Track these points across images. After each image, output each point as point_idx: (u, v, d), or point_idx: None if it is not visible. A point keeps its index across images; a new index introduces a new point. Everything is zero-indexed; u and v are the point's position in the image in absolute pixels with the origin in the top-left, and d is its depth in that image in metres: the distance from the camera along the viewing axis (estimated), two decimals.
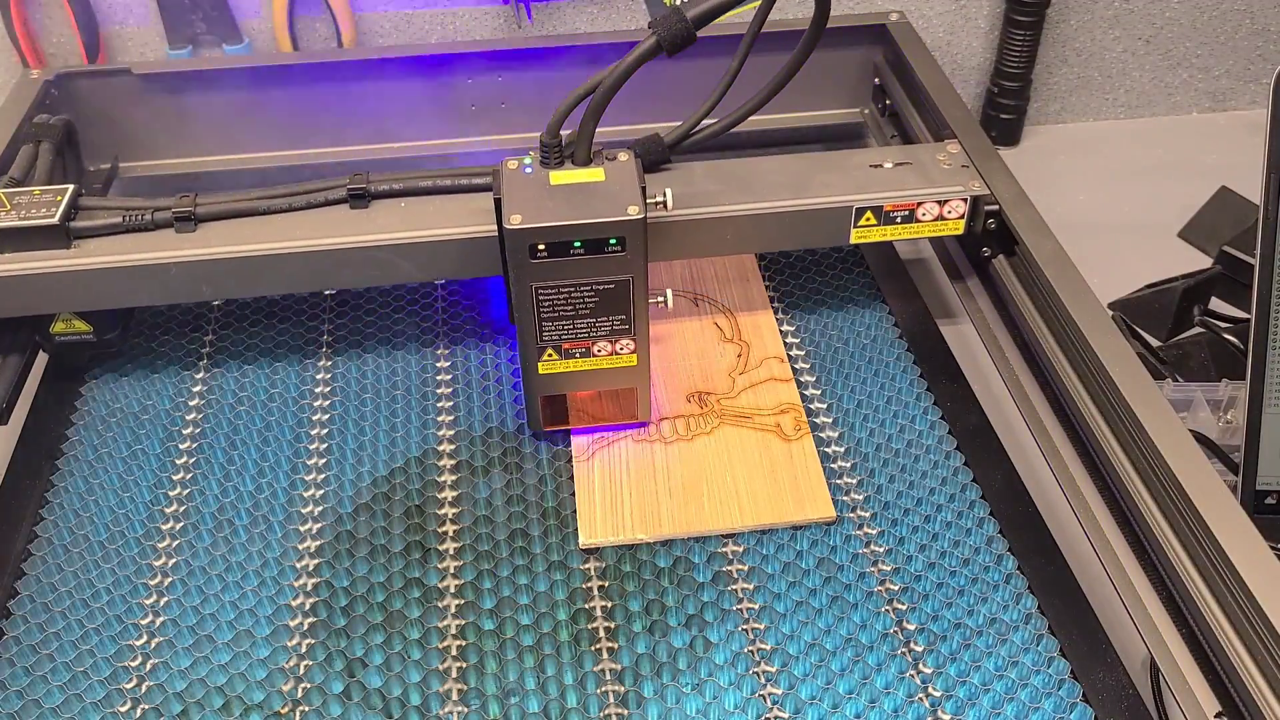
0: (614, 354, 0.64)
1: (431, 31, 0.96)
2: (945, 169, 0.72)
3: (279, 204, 0.69)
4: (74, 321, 0.72)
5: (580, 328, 0.63)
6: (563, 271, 0.60)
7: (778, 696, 0.56)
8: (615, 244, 0.59)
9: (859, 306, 0.79)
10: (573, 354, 0.64)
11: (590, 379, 0.66)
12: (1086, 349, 0.62)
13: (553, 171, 0.62)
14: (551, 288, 0.61)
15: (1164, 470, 0.55)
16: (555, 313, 0.62)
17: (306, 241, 0.68)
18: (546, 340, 0.63)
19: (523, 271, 0.60)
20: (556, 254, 0.59)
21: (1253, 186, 0.62)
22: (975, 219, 0.71)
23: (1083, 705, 0.55)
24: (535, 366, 0.64)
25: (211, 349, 0.77)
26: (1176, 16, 1.01)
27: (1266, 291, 0.60)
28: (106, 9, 0.92)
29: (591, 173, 0.62)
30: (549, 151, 0.62)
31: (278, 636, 0.59)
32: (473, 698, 0.56)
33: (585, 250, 0.59)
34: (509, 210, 0.59)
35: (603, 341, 0.63)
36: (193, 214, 0.68)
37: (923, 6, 0.98)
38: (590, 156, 0.62)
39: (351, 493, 0.67)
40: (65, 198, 0.67)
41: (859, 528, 0.64)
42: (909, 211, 0.70)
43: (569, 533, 0.64)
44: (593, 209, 0.59)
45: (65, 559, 0.63)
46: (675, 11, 0.59)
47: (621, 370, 0.65)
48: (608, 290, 0.61)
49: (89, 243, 0.68)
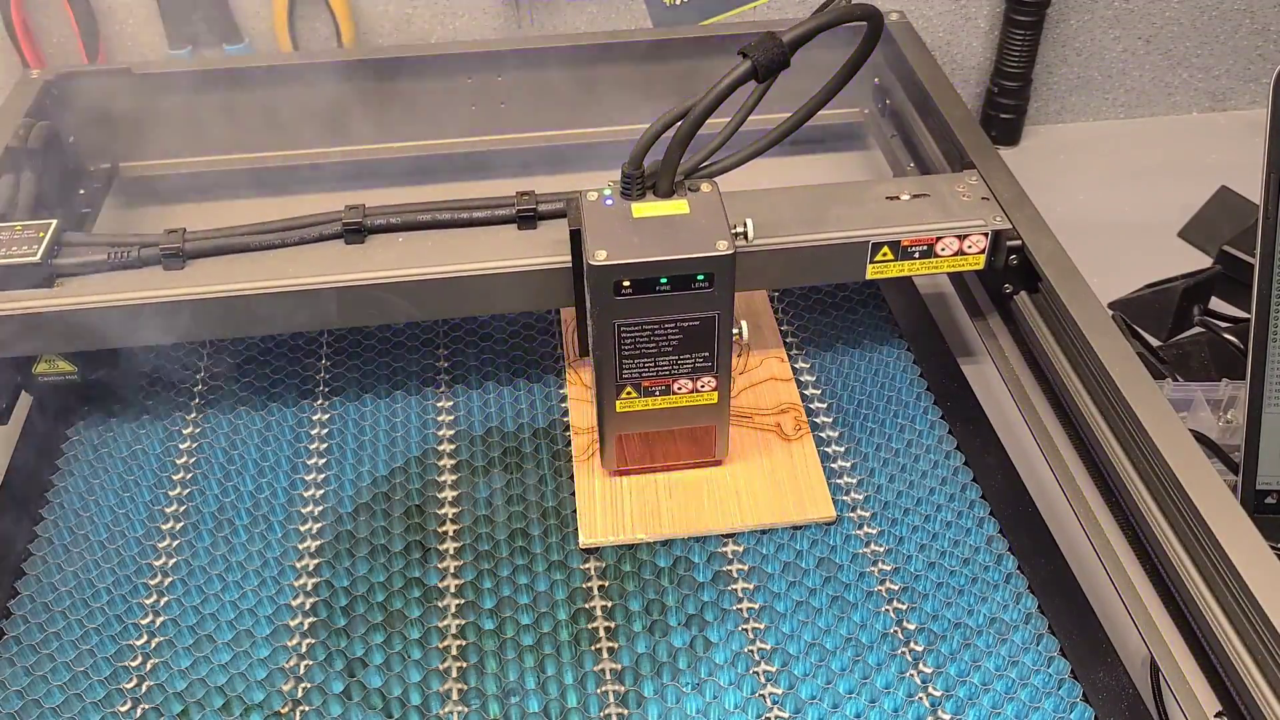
0: (695, 391, 0.62)
1: (431, 31, 0.96)
2: (965, 201, 0.69)
3: (271, 240, 0.67)
4: (57, 362, 0.69)
5: (662, 365, 0.60)
6: (647, 308, 0.58)
7: (778, 696, 0.56)
8: (702, 280, 0.57)
9: (860, 306, 0.79)
10: (652, 391, 0.62)
11: (669, 417, 0.63)
12: (1086, 349, 0.62)
13: (635, 203, 0.59)
14: (634, 325, 0.58)
15: (1164, 470, 0.55)
16: (637, 350, 0.59)
17: (300, 280, 0.65)
18: (626, 378, 0.61)
19: (605, 308, 0.58)
20: (642, 290, 0.57)
21: (1253, 186, 0.62)
22: (997, 254, 0.68)
23: (1083, 705, 0.55)
24: (613, 404, 0.62)
25: (212, 348, 0.77)
26: (1176, 16, 1.01)
27: (1266, 291, 0.60)
28: (106, 9, 0.92)
29: (675, 205, 0.59)
30: (631, 182, 0.59)
31: (278, 636, 0.59)
32: (473, 697, 0.56)
33: (671, 287, 0.57)
34: (593, 245, 0.57)
35: (684, 379, 0.61)
36: (181, 250, 0.65)
37: (923, 6, 0.98)
38: (673, 188, 0.59)
39: (352, 492, 0.67)
40: (48, 234, 0.65)
41: (859, 527, 0.64)
42: (927, 246, 0.67)
43: (569, 532, 0.64)
44: (680, 244, 0.57)
45: (65, 559, 0.63)
46: (771, 36, 0.56)
47: (701, 408, 0.63)
48: (692, 327, 0.59)
49: (73, 281, 0.65)
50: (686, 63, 0.90)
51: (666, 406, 0.62)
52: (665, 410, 0.63)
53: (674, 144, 0.57)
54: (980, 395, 0.73)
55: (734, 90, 0.56)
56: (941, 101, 0.81)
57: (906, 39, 0.89)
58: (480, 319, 0.78)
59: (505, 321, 0.78)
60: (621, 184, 0.59)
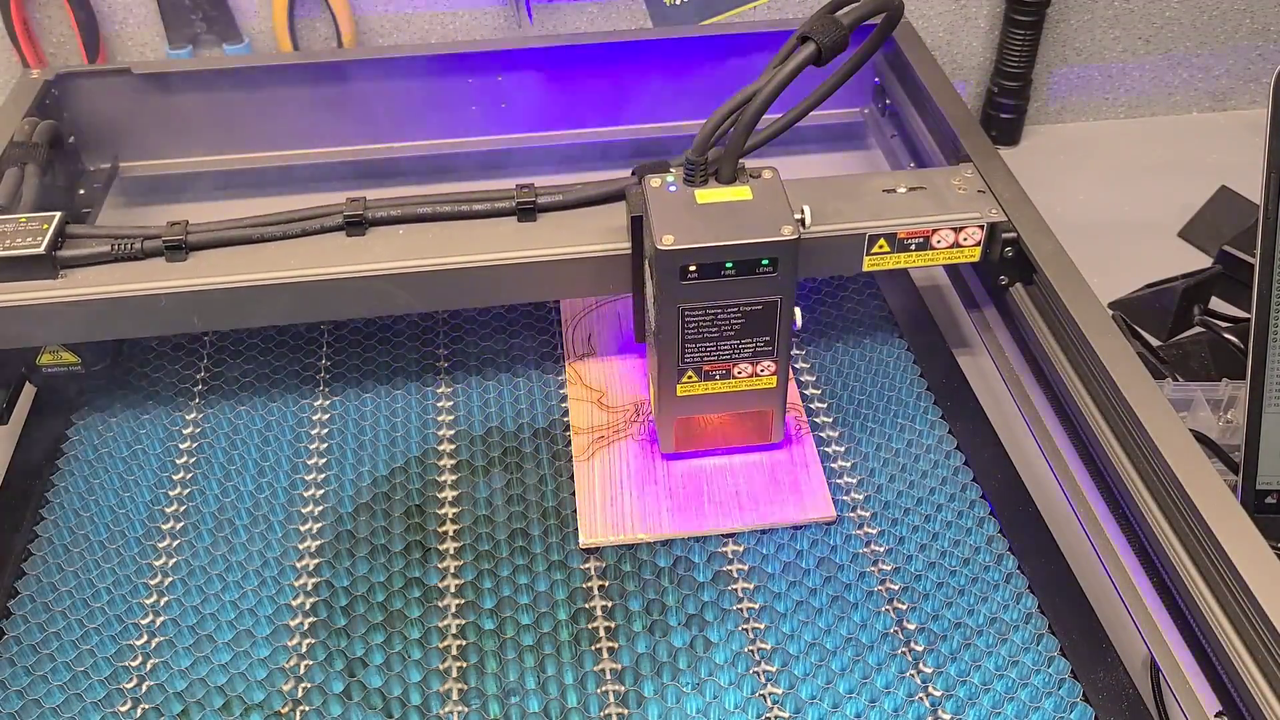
0: (754, 375, 0.62)
1: (431, 31, 0.96)
2: (961, 194, 0.70)
3: (273, 232, 0.67)
4: (61, 353, 0.70)
5: (723, 349, 0.61)
6: (712, 293, 0.59)
7: (778, 696, 0.56)
8: (767, 265, 0.58)
9: (859, 306, 0.79)
10: (713, 375, 0.62)
11: (728, 401, 0.64)
12: (1086, 348, 0.62)
13: (698, 190, 0.60)
14: (699, 309, 0.59)
15: (1164, 470, 0.55)
16: (700, 334, 0.60)
17: (301, 271, 0.66)
18: (688, 362, 0.61)
19: (671, 293, 0.58)
20: (707, 275, 0.58)
21: (1253, 186, 0.62)
22: (992, 246, 0.69)
23: (1083, 705, 0.55)
24: (674, 389, 0.63)
25: (212, 348, 0.77)
26: (1176, 16, 1.01)
27: (1266, 291, 0.60)
28: (106, 9, 0.92)
29: (738, 191, 0.60)
30: (694, 169, 0.60)
31: (278, 636, 0.59)
32: (473, 697, 0.56)
33: (736, 271, 0.58)
34: (660, 230, 0.57)
35: (744, 363, 0.62)
36: (184, 242, 0.66)
37: (923, 6, 0.98)
38: (736, 174, 0.60)
39: (352, 492, 0.67)
40: (52, 226, 0.65)
41: (859, 527, 0.64)
42: (924, 239, 0.68)
43: (569, 532, 0.64)
44: (746, 229, 0.57)
45: (65, 559, 0.63)
46: (830, 19, 0.56)
47: (760, 392, 0.63)
48: (755, 311, 0.60)
49: (77, 273, 0.66)
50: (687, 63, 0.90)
51: (726, 390, 0.63)
52: (724, 394, 0.63)
53: (739, 130, 0.58)
54: (978, 389, 0.73)
55: (799, 74, 0.56)
56: (941, 101, 0.81)
57: (906, 39, 0.89)
58: (480, 319, 0.78)
59: (506, 321, 0.78)
60: (685, 170, 0.60)
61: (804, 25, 0.58)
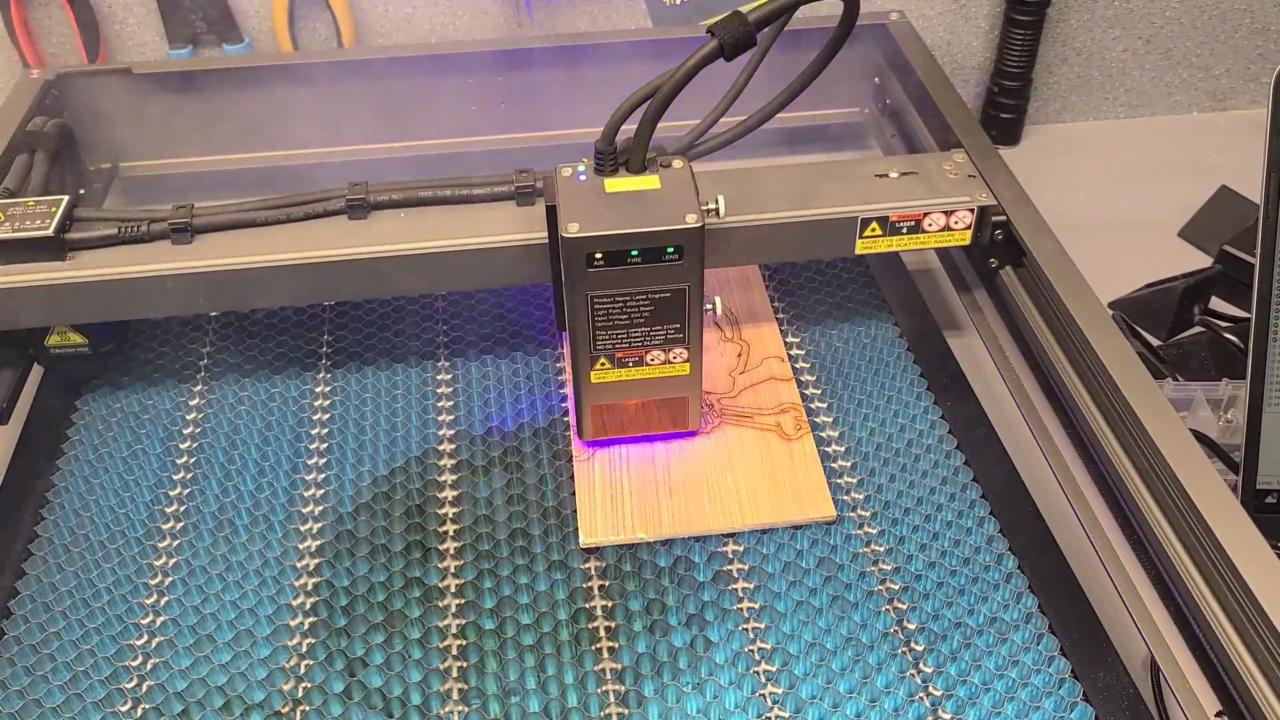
0: (667, 363, 0.63)
1: (432, 31, 0.96)
2: (952, 179, 0.71)
3: (276, 215, 0.68)
4: (69, 334, 0.72)
5: (635, 336, 0.62)
6: (619, 280, 0.59)
7: (778, 696, 0.56)
8: (673, 253, 0.58)
9: (859, 306, 0.79)
10: (626, 363, 0.63)
11: (643, 388, 0.65)
12: (1087, 348, 0.62)
13: (608, 179, 0.61)
14: (607, 297, 0.60)
15: (1164, 469, 0.55)
16: (610, 321, 0.61)
17: (304, 254, 0.67)
18: (600, 349, 0.62)
19: (578, 280, 0.59)
20: (613, 263, 0.58)
21: (1253, 186, 0.62)
22: (982, 229, 0.70)
23: (1083, 705, 0.55)
24: (588, 375, 0.63)
25: (213, 348, 0.77)
26: (1176, 16, 1.01)
27: (1266, 291, 0.60)
28: (106, 9, 0.92)
29: (647, 180, 0.60)
30: (604, 158, 0.61)
31: (278, 636, 0.59)
32: (473, 697, 0.56)
33: (642, 259, 0.59)
34: (566, 218, 0.58)
35: (656, 350, 0.63)
36: (189, 225, 0.67)
37: (923, 6, 0.98)
38: (645, 164, 0.61)
39: (352, 492, 0.67)
40: (60, 209, 0.66)
41: (859, 527, 0.64)
42: (915, 222, 0.69)
43: (569, 532, 0.64)
44: (651, 217, 0.58)
45: (65, 559, 0.63)
46: (736, 15, 0.57)
47: (674, 379, 0.64)
48: (663, 299, 0.60)
49: (84, 255, 0.67)
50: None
51: (640, 378, 0.64)
52: (639, 381, 0.64)
53: (644, 121, 0.59)
54: (970, 375, 0.73)
55: (700, 69, 0.58)
56: (941, 101, 0.81)
57: (906, 39, 0.89)
58: (483, 321, 0.78)
59: (507, 321, 0.78)
60: (595, 160, 0.61)
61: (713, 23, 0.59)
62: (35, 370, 0.74)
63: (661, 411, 0.66)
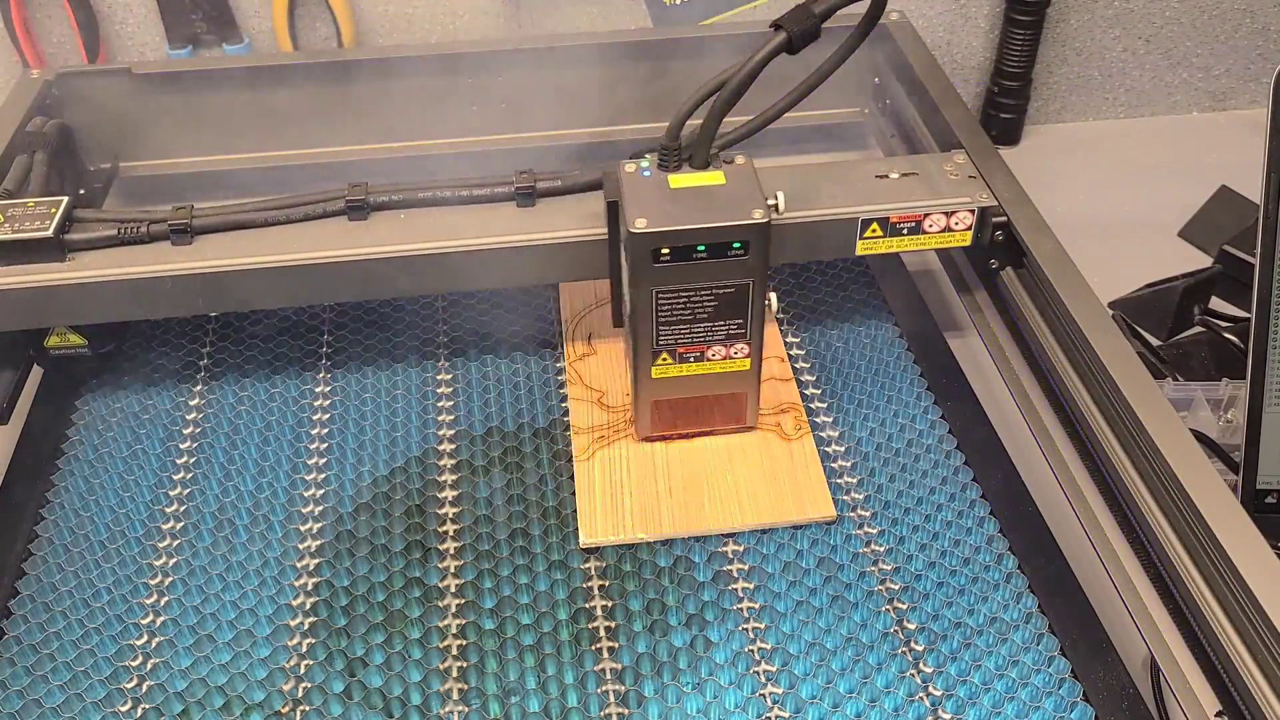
0: (728, 358, 0.63)
1: (431, 31, 0.96)
2: (952, 179, 0.71)
3: (276, 216, 0.68)
4: (68, 335, 0.71)
5: (697, 332, 0.62)
6: (684, 276, 0.59)
7: (778, 696, 0.56)
8: (739, 248, 0.59)
9: (859, 306, 0.79)
10: (687, 358, 0.63)
11: (702, 384, 0.65)
12: (1087, 349, 0.62)
13: (671, 175, 0.61)
14: (672, 292, 0.60)
15: (1164, 470, 0.55)
16: (673, 317, 0.61)
17: (304, 254, 0.67)
18: (662, 344, 0.62)
19: (644, 275, 0.59)
20: (679, 258, 0.59)
21: (1253, 186, 0.62)
22: (983, 230, 0.70)
23: (1083, 704, 0.55)
24: (649, 371, 0.64)
25: (213, 348, 0.77)
26: (1176, 16, 1.01)
27: (1267, 291, 0.60)
28: (106, 9, 0.92)
29: (711, 176, 0.61)
30: (668, 154, 0.61)
31: (278, 636, 0.59)
32: (473, 697, 0.56)
33: (708, 254, 0.59)
34: (632, 214, 0.58)
35: (718, 345, 0.63)
36: (189, 226, 0.67)
37: (923, 6, 0.98)
38: (709, 159, 0.61)
39: (352, 492, 0.67)
40: (60, 209, 0.66)
41: (859, 527, 0.64)
42: (916, 223, 0.69)
43: (569, 532, 0.64)
44: (717, 212, 0.58)
45: (65, 559, 0.63)
46: (802, 8, 0.57)
47: (734, 375, 0.64)
48: (727, 294, 0.61)
49: (84, 255, 0.66)
50: (686, 63, 0.89)
51: (700, 373, 0.64)
52: (699, 377, 0.64)
53: (710, 116, 0.59)
54: (970, 376, 0.73)
55: (769, 62, 0.57)
56: (941, 101, 0.81)
57: (906, 39, 0.89)
58: (482, 322, 0.78)
59: (506, 321, 0.78)
60: (659, 156, 0.61)
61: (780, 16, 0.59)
62: (35, 370, 0.74)
63: (719, 407, 0.66)
